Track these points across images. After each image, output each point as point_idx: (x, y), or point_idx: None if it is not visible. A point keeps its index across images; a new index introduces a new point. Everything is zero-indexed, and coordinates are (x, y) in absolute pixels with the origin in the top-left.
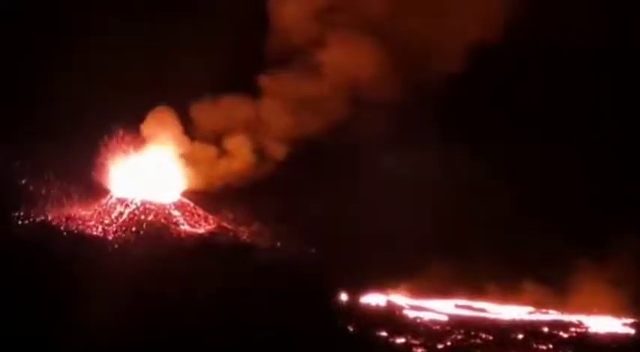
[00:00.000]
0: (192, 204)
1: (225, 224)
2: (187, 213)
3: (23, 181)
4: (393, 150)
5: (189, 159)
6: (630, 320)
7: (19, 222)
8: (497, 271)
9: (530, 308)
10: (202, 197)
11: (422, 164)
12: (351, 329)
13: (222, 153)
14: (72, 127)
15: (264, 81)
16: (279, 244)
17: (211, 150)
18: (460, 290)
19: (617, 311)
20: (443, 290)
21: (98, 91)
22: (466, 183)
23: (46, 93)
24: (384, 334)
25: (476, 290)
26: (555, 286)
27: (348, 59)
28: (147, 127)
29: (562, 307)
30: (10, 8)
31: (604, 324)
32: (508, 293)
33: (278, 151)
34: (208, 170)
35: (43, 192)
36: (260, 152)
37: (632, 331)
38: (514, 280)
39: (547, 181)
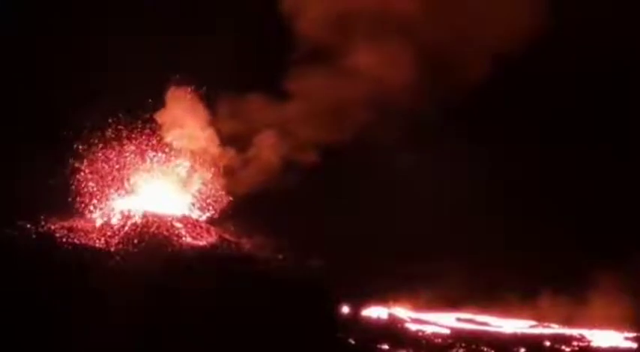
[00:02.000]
0: (194, 216)
1: (226, 236)
2: (189, 225)
3: (25, 191)
4: (399, 157)
5: (210, 163)
6: (633, 335)
7: (20, 233)
8: (512, 281)
9: (533, 322)
10: (204, 208)
11: (430, 170)
12: (352, 341)
13: (247, 158)
14: (75, 133)
15: (291, 84)
16: (280, 256)
17: (234, 155)
18: (471, 301)
19: (621, 325)
20: (452, 302)
21: (105, 93)
22: (475, 190)
23: (47, 96)
24: (385, 347)
25: (488, 301)
26: (572, 297)
27: (377, 63)
28: (166, 114)
29: (577, 319)
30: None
31: (606, 338)
32: (524, 304)
33: (307, 157)
34: (231, 176)
35: (45, 202)
36: (287, 158)
37: (634, 345)
38: (531, 291)
39: (568, 189)
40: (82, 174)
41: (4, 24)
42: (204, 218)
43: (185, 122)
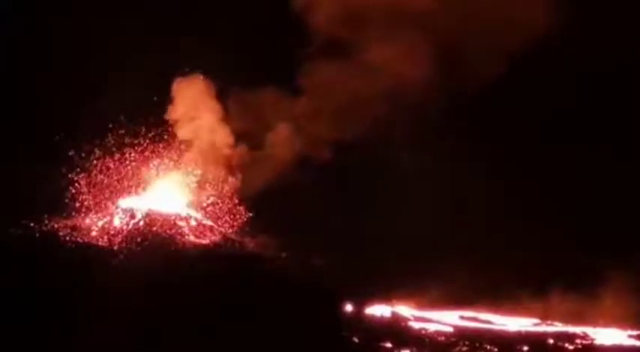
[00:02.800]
0: (197, 215)
1: (230, 235)
2: (193, 224)
3: (27, 189)
4: (404, 154)
5: (220, 159)
6: (636, 332)
7: (24, 232)
8: (516, 281)
9: (536, 320)
10: (208, 207)
11: (433, 168)
12: (356, 340)
13: (260, 155)
14: (77, 131)
15: (304, 78)
16: (284, 255)
17: (247, 151)
18: (475, 299)
19: (625, 323)
20: (456, 300)
21: (111, 90)
22: (479, 189)
23: (51, 95)
24: (388, 345)
25: (492, 299)
26: (576, 296)
27: (391, 58)
28: (175, 105)
29: (581, 317)
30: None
31: (610, 336)
32: (528, 302)
33: (322, 154)
34: (243, 173)
35: (48, 200)
36: (301, 155)
37: (638, 343)
38: (534, 290)
39: (572, 188)
40: (86, 173)
41: (4, 24)
42: (207, 217)
43: (196, 114)
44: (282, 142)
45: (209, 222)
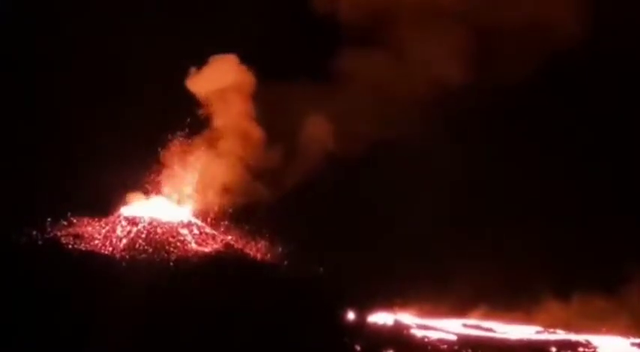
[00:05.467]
0: (199, 223)
1: (232, 242)
2: (195, 232)
3: (32, 197)
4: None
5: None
6: (638, 340)
7: (27, 240)
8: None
9: (538, 328)
10: (210, 215)
11: (442, 170)
12: (358, 348)
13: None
14: (83, 137)
15: (342, 71)
16: (286, 263)
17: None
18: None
19: (626, 331)
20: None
21: (115, 92)
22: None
23: (55, 98)
24: None
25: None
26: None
27: (430, 55)
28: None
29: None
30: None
31: (612, 344)
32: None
33: (354, 150)
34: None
35: (52, 208)
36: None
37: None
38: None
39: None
40: (89, 179)
41: (4, 24)
42: (209, 224)
43: (225, 107)
44: (316, 139)
45: (211, 230)
